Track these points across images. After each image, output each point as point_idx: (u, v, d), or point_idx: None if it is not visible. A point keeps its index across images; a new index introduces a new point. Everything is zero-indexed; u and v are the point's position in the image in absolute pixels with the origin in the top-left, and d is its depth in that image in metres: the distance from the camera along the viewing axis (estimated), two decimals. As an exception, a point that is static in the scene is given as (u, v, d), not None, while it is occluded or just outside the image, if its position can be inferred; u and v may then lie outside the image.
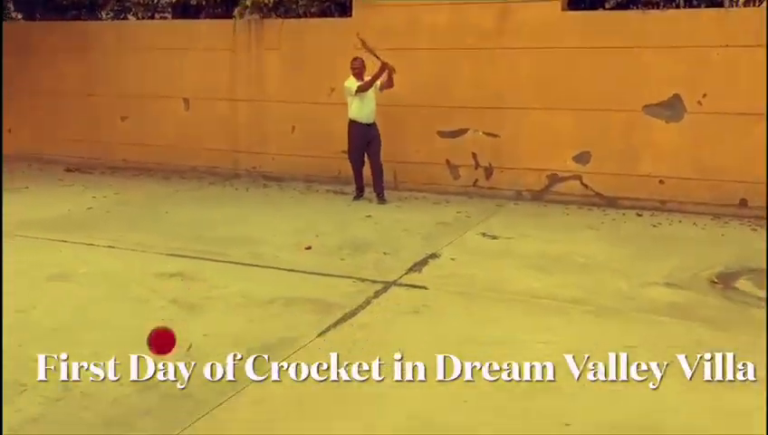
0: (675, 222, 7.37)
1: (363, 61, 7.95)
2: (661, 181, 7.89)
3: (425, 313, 4.57)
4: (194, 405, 3.23)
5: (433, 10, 8.57)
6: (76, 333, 4.15)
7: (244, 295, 4.84)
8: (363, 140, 8.06)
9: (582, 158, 8.20)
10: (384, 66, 7.75)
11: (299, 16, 9.47)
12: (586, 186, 8.22)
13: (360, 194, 8.32)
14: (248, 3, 9.36)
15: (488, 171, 8.66)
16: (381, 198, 8.16)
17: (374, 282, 5.13)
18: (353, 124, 8.07)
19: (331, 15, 9.44)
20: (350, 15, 9.11)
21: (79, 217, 7.50)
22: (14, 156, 10.93)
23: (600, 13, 8.17)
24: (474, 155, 8.68)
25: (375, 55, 7.77)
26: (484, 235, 6.70)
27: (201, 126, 10.18)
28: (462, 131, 8.69)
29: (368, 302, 4.71)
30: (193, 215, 7.56)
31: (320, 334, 4.12)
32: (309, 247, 6.13)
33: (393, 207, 8.00)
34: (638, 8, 8.02)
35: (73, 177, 10.03)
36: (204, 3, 10.10)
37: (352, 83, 7.91)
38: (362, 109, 7.97)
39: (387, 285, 5.06)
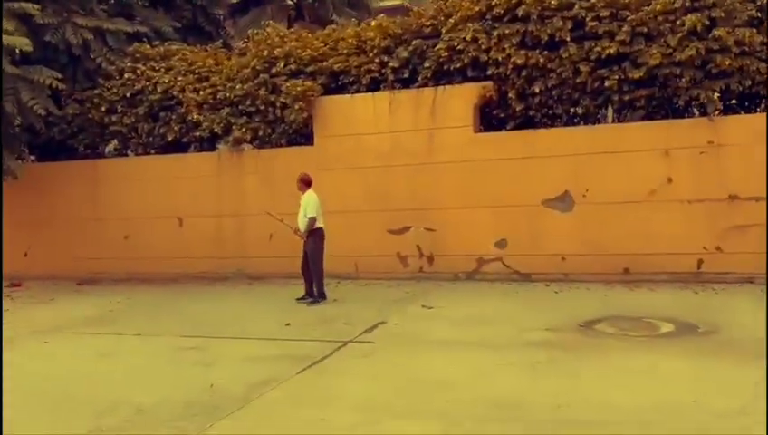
0: (573, 289, 9.48)
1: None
2: (563, 258, 10.08)
3: (371, 357, 6.57)
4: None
5: (377, 138, 10.98)
6: (134, 385, 6.06)
7: (244, 356, 6.79)
8: None
9: (502, 244, 10.41)
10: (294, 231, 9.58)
11: (272, 147, 11.81)
12: (507, 266, 10.39)
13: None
14: (230, 139, 11.72)
15: (430, 259, 10.81)
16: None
17: (336, 341, 7.13)
18: (321, 231, 9.54)
19: (297, 144, 11.78)
20: (313, 144, 11.47)
21: (105, 316, 9.42)
22: (31, 276, 12.82)
23: (502, 133, 10.60)
24: (418, 247, 10.85)
25: (281, 221, 9.85)
26: (422, 306, 8.74)
27: (193, 239, 12.26)
28: (406, 229, 10.91)
29: (331, 353, 6.70)
30: (195, 309, 9.52)
31: (298, 373, 6.09)
32: (288, 324, 8.10)
33: (354, 291, 10.06)
34: (529, 128, 10.47)
35: (87, 289, 11.94)
36: (192, 139, 12.43)
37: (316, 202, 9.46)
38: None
39: (345, 343, 7.06)
